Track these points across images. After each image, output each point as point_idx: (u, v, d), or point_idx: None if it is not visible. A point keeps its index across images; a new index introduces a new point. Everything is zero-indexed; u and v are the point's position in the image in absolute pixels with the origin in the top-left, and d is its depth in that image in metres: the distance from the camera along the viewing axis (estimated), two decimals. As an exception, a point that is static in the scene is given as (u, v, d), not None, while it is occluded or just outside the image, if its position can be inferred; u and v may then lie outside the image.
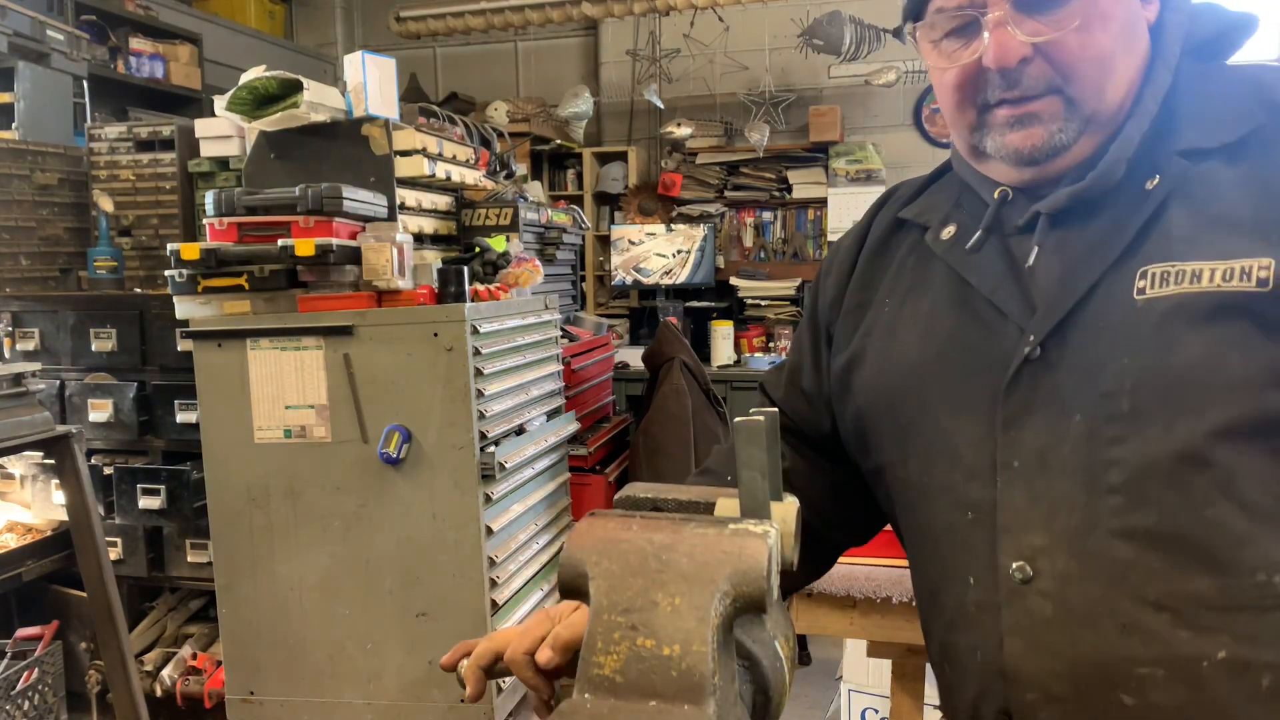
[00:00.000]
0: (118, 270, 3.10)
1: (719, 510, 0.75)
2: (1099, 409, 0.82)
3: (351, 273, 2.51)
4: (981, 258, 0.93)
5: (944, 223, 0.98)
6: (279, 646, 2.63)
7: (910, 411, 0.95)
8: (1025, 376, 0.86)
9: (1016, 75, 0.86)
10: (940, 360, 0.93)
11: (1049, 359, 0.85)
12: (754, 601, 0.64)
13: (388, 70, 2.84)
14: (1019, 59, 0.86)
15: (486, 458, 2.55)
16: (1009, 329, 0.88)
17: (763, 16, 5.39)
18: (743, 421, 0.72)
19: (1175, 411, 0.79)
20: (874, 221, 1.08)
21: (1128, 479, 0.81)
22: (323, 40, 6.62)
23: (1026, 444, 0.85)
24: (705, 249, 5.61)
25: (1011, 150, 0.89)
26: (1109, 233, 0.86)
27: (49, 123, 3.50)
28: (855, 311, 1.05)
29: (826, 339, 1.08)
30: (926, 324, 0.95)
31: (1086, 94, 0.86)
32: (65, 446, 2.26)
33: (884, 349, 0.99)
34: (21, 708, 2.40)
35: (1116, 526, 0.81)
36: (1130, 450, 0.81)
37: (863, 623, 1.84)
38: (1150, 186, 0.85)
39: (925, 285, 0.98)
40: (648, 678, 0.61)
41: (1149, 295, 0.82)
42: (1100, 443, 0.82)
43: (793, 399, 1.14)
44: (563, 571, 0.68)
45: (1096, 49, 0.86)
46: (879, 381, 0.98)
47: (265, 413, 2.56)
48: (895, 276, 1.02)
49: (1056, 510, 0.83)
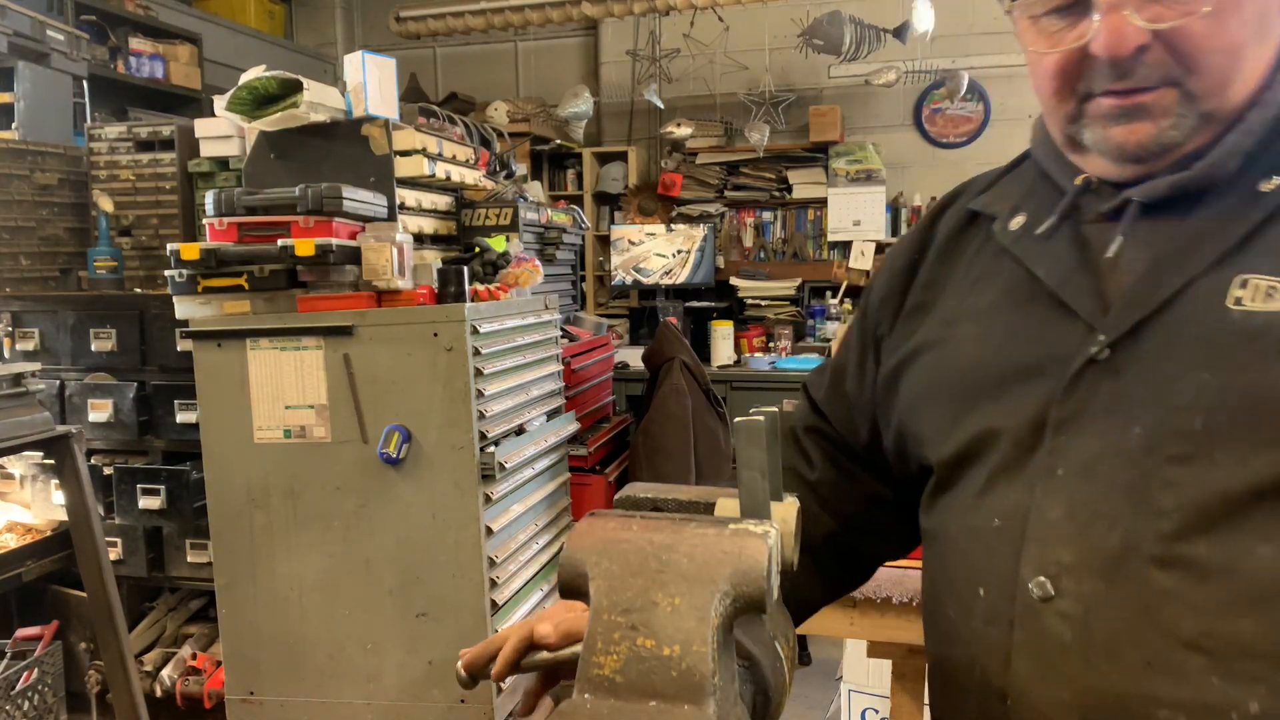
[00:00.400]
0: (118, 270, 3.10)
1: (719, 510, 0.75)
2: (1165, 423, 0.74)
3: (351, 273, 2.51)
4: (1051, 247, 0.85)
5: (1014, 212, 0.90)
6: (279, 646, 2.63)
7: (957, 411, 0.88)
8: (1087, 379, 0.78)
9: (1129, 65, 0.76)
10: (996, 357, 0.85)
11: (1116, 363, 0.77)
12: (754, 602, 0.64)
13: (388, 70, 2.84)
14: (1135, 47, 0.75)
15: (486, 458, 2.55)
16: (1075, 327, 0.80)
17: (763, 16, 5.39)
18: (743, 421, 0.72)
19: (1254, 440, 0.71)
20: (942, 216, 1.00)
21: (1183, 503, 0.73)
22: (323, 40, 6.62)
23: (1076, 451, 0.78)
24: (705, 249, 5.61)
25: (1114, 146, 0.79)
26: (1210, 231, 0.77)
27: (49, 123, 3.50)
28: (916, 313, 0.96)
29: (875, 342, 1.01)
30: (986, 320, 0.88)
31: (1208, 88, 0.76)
32: (65, 446, 2.26)
33: (938, 346, 0.91)
34: (21, 708, 2.40)
35: (1159, 553, 0.73)
36: (1192, 473, 0.73)
37: (863, 623, 1.84)
38: (1267, 189, 0.76)
39: (989, 280, 0.90)
40: (648, 678, 0.61)
41: (1247, 308, 0.73)
42: (1159, 460, 0.74)
43: (834, 402, 1.07)
44: (563, 571, 0.68)
45: (1226, 38, 0.75)
46: (930, 378, 0.91)
47: (265, 413, 2.56)
48: (963, 274, 0.93)
49: (1094, 526, 0.76)
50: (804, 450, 1.07)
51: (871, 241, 5.52)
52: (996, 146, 5.49)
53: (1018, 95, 5.45)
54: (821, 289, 5.67)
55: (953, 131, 5.59)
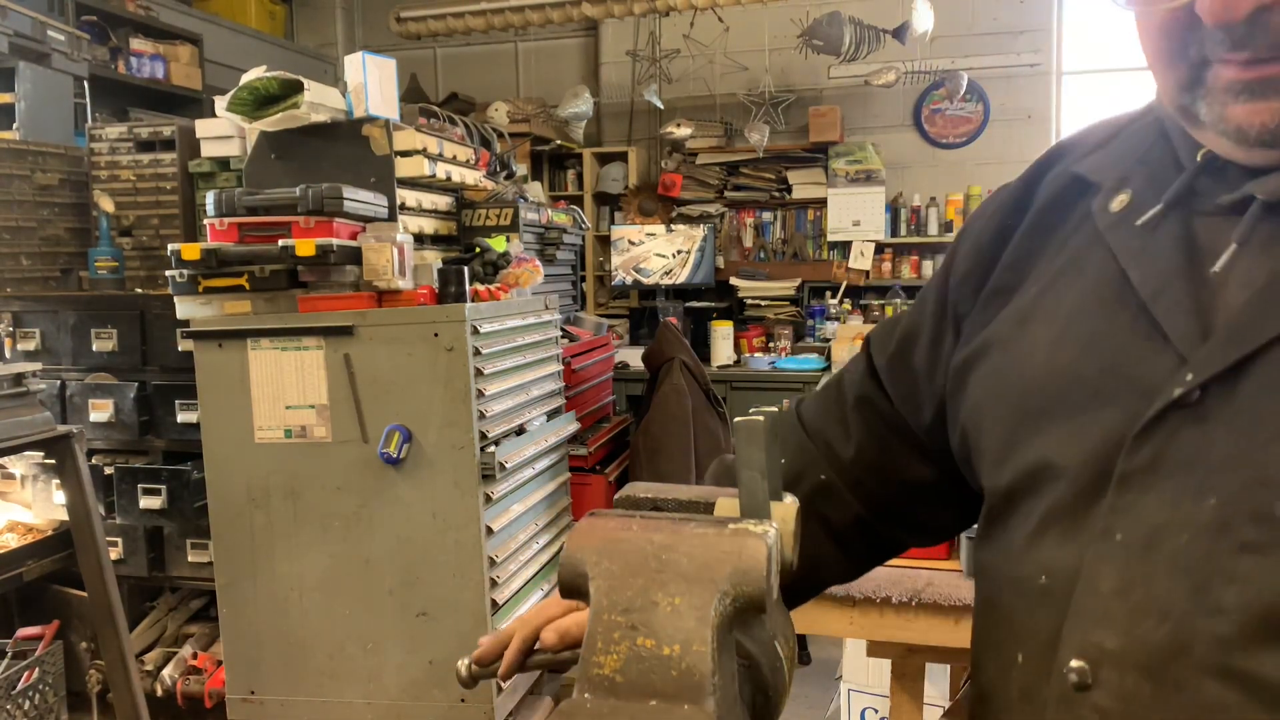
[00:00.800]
0: (118, 270, 3.10)
1: (719, 510, 0.75)
2: (1243, 498, 0.60)
3: (352, 273, 2.52)
4: (1154, 243, 0.69)
5: (1120, 185, 0.73)
6: (279, 646, 2.64)
7: (1016, 434, 0.74)
8: (1167, 425, 0.63)
9: (1247, 30, 0.60)
10: (1070, 375, 0.71)
11: (1206, 409, 0.62)
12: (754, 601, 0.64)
13: (388, 70, 2.84)
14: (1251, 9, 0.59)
15: (486, 458, 2.55)
16: (1166, 353, 0.65)
17: (762, 17, 5.39)
18: (743, 421, 0.72)
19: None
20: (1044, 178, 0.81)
21: (1248, 603, 0.59)
22: (323, 40, 6.63)
23: (1140, 515, 0.64)
24: (705, 249, 5.61)
25: (1234, 127, 0.63)
26: None
27: (49, 123, 3.50)
28: (997, 296, 0.81)
29: (955, 320, 0.85)
30: (1066, 322, 0.72)
31: None
32: (66, 446, 2.27)
33: (1008, 347, 0.77)
34: (22, 707, 2.41)
35: (1215, 662, 0.60)
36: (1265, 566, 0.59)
37: (863, 623, 1.85)
38: None
39: (1077, 271, 0.74)
40: (648, 677, 0.61)
41: None
42: (1230, 545, 0.60)
43: (898, 372, 0.91)
44: (563, 571, 0.68)
45: None
46: (992, 386, 0.77)
47: (266, 413, 2.56)
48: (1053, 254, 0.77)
49: (1146, 613, 0.63)
50: (845, 422, 0.94)
51: (871, 242, 5.52)
52: (996, 147, 5.50)
53: (1017, 95, 5.45)
54: (821, 289, 5.67)
55: (952, 132, 5.59)
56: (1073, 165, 0.78)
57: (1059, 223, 0.78)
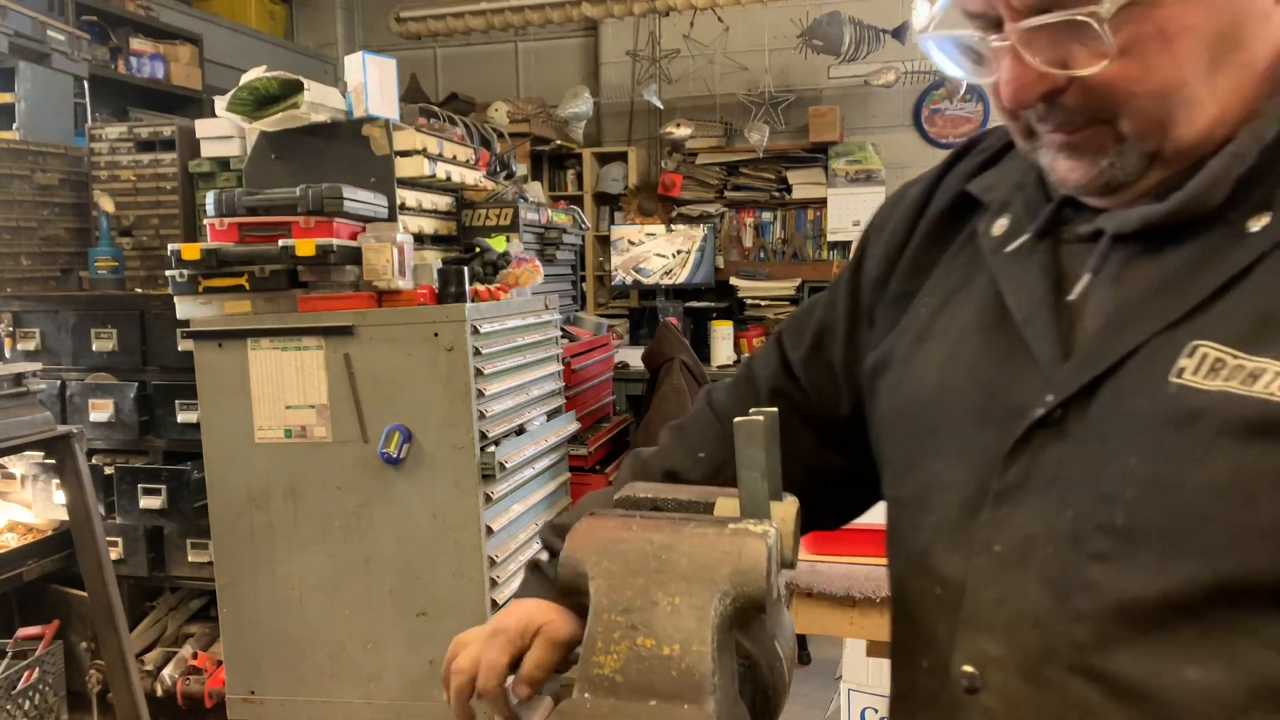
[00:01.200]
0: (118, 270, 3.10)
1: (719, 510, 0.75)
2: (1092, 512, 0.65)
3: (352, 273, 2.52)
4: (1027, 270, 0.74)
5: (1000, 210, 0.79)
6: (279, 646, 2.64)
7: (913, 449, 0.80)
8: (1034, 443, 0.69)
9: (1045, 109, 0.67)
10: (957, 395, 0.76)
11: (1067, 428, 0.67)
12: (754, 601, 0.64)
13: (388, 71, 2.84)
14: (1038, 95, 0.66)
15: (486, 458, 2.55)
16: (1036, 375, 0.70)
17: (762, 17, 5.39)
18: (743, 421, 0.72)
19: (1176, 546, 0.62)
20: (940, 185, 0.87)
21: (1098, 609, 0.65)
22: (323, 40, 6.63)
23: (1014, 528, 0.69)
24: (705, 249, 5.61)
25: (1059, 178, 0.71)
26: (1180, 277, 0.65)
27: (49, 123, 3.50)
28: (899, 302, 0.86)
29: (868, 319, 0.90)
30: (955, 343, 0.78)
31: (1145, 129, 0.66)
32: (66, 446, 2.27)
33: (908, 361, 0.82)
34: (22, 707, 2.41)
35: (1079, 663, 0.66)
36: (1111, 576, 0.64)
37: (862, 622, 1.84)
38: (1255, 228, 0.64)
39: (969, 291, 0.79)
40: (648, 677, 0.61)
41: (1186, 382, 0.62)
42: (1081, 555, 0.65)
43: (814, 366, 0.95)
44: (563, 571, 0.68)
45: (1153, 80, 0.64)
46: (895, 399, 0.82)
47: (266, 413, 2.56)
48: (947, 268, 0.83)
49: (1020, 621, 0.68)
50: None
51: (871, 242, 5.52)
52: (996, 147, 5.49)
53: (1017, 95, 5.45)
54: (821, 289, 5.62)
55: (952, 132, 5.59)
56: (966, 182, 0.84)
57: (950, 237, 0.83)
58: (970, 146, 0.88)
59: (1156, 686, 0.63)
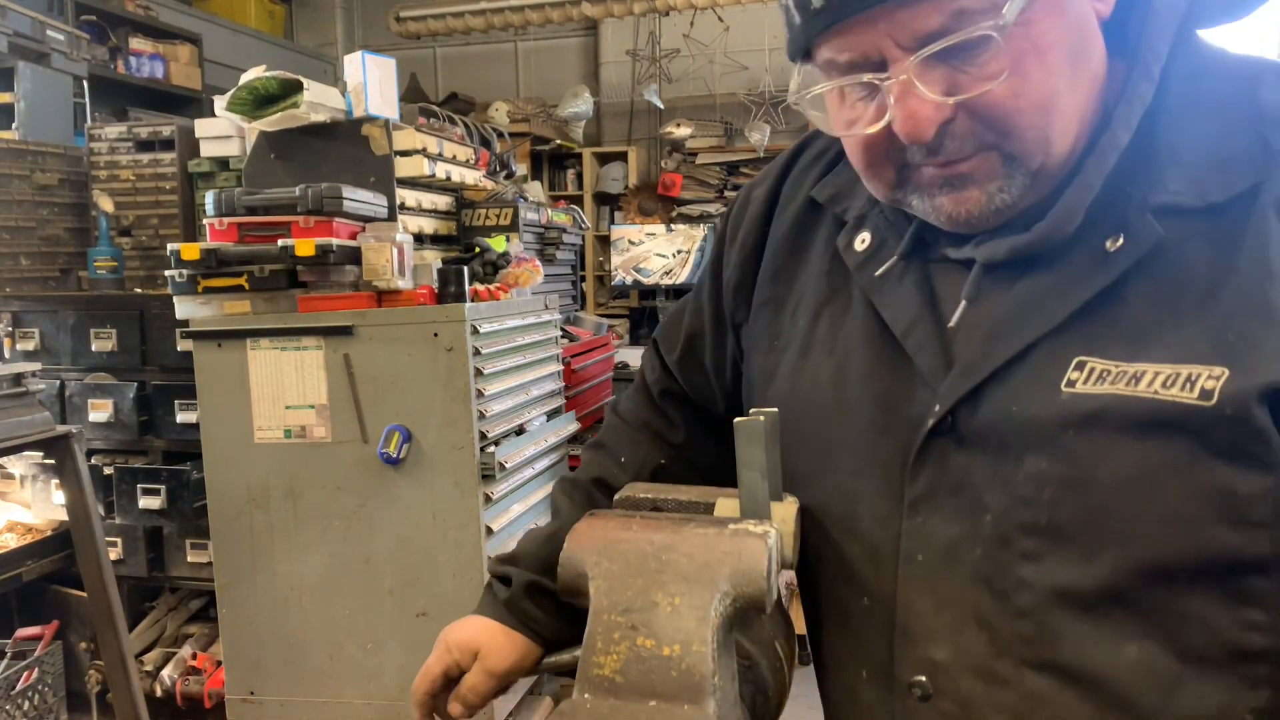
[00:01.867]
0: (118, 270, 3.10)
1: (719, 510, 0.75)
2: (1012, 515, 0.69)
3: (351, 273, 2.51)
4: (900, 290, 0.78)
5: (859, 224, 0.82)
6: (279, 646, 2.63)
7: (816, 460, 0.80)
8: (934, 451, 0.72)
9: (937, 141, 0.69)
10: (853, 409, 0.78)
11: (960, 434, 0.71)
12: (754, 602, 0.64)
13: (388, 70, 2.84)
14: (935, 126, 0.68)
15: (486, 458, 2.55)
16: (925, 388, 0.74)
17: (762, 16, 5.39)
18: (743, 421, 0.72)
19: (1098, 538, 0.67)
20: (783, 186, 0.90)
21: (1039, 605, 0.68)
22: (323, 40, 6.63)
23: (933, 535, 0.72)
24: (705, 249, 5.61)
25: (945, 215, 0.73)
26: (1051, 294, 0.70)
27: (49, 123, 3.50)
28: (768, 308, 0.88)
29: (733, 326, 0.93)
30: (841, 357, 0.80)
31: (1029, 148, 0.69)
32: (65, 446, 2.26)
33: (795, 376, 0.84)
34: (21, 708, 2.40)
35: (1028, 656, 0.69)
36: (1044, 572, 0.68)
37: (863, 623, 1.84)
38: (1112, 248, 0.69)
39: (843, 304, 0.82)
40: (648, 678, 0.61)
41: (1078, 390, 0.67)
42: (1011, 555, 0.69)
43: (690, 369, 0.99)
44: (563, 571, 0.68)
45: (1035, 94, 0.67)
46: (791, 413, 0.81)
47: (265, 413, 2.56)
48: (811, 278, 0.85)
49: (963, 624, 0.71)
50: (663, 411, 1.02)
51: (871, 241, 5.52)
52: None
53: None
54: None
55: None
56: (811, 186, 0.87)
57: (806, 244, 0.87)
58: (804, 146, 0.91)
59: (1101, 669, 0.67)
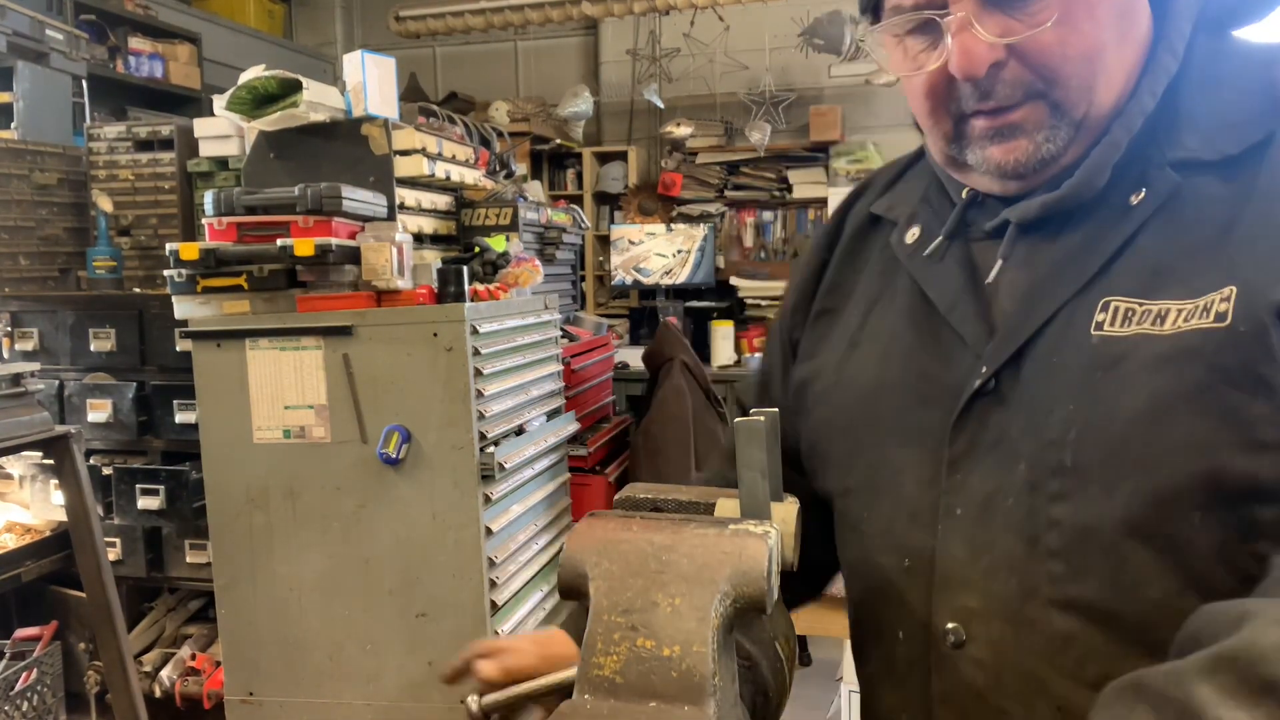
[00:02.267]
0: (117, 270, 3.09)
1: (719, 511, 0.74)
2: (1042, 459, 0.73)
3: (351, 273, 2.51)
4: (943, 268, 0.84)
5: (910, 221, 0.89)
6: (278, 647, 2.63)
7: (859, 439, 0.86)
8: (975, 412, 0.77)
9: (989, 83, 0.75)
10: (896, 386, 0.84)
11: (1002, 394, 0.76)
12: (754, 602, 0.64)
13: (387, 70, 2.83)
14: (988, 65, 0.74)
15: (486, 458, 2.55)
16: (966, 354, 0.79)
17: (763, 16, 5.39)
18: (743, 421, 0.72)
19: (1117, 472, 0.70)
20: (848, 216, 0.98)
21: (1067, 544, 0.72)
22: (322, 40, 6.62)
23: (971, 490, 0.77)
24: (705, 249, 5.61)
25: (994, 165, 0.78)
26: (1081, 251, 0.76)
27: (48, 122, 3.49)
28: (822, 319, 0.95)
29: (792, 345, 1.00)
30: (887, 343, 0.86)
31: (1074, 97, 0.75)
32: (64, 447, 2.26)
33: (842, 367, 0.90)
34: (20, 708, 2.40)
35: (1055, 595, 0.73)
36: (1070, 511, 0.72)
37: (863, 623, 1.84)
38: (1135, 201, 0.74)
39: (891, 295, 0.88)
40: (648, 678, 0.60)
41: (1106, 333, 0.72)
42: (1041, 498, 0.73)
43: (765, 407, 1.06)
44: (563, 572, 0.67)
45: (1082, 43, 0.73)
46: (833, 402, 0.89)
47: (264, 413, 2.55)
48: (866, 282, 0.92)
49: (995, 570, 0.75)
50: None
51: (871, 241, 5.52)
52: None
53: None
54: (821, 289, 5.66)
55: (953, 131, 5.59)
56: (870, 206, 0.94)
57: (864, 254, 0.94)
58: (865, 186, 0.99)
59: (1123, 606, 0.71)
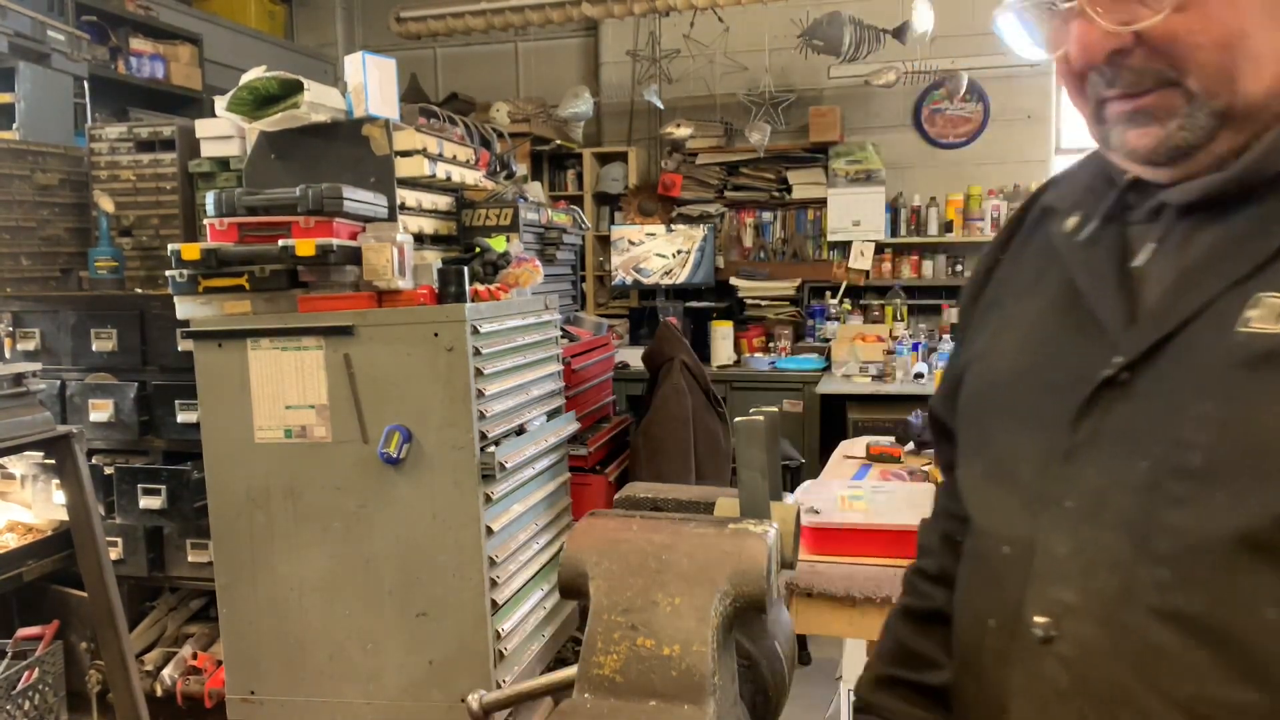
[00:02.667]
0: (118, 270, 3.09)
1: (719, 510, 0.75)
2: (1168, 459, 0.68)
3: (352, 273, 2.51)
4: (1094, 253, 0.80)
5: (1073, 209, 0.84)
6: (279, 646, 2.63)
7: (988, 426, 0.84)
8: (1101, 402, 0.73)
9: (1113, 70, 0.71)
10: (1029, 371, 0.81)
11: (1134, 387, 0.71)
12: (754, 601, 0.64)
13: (388, 70, 2.84)
14: (1107, 53, 0.70)
15: (486, 458, 2.55)
16: (1103, 342, 0.74)
17: (763, 17, 5.39)
18: (743, 421, 0.72)
19: (1250, 482, 0.64)
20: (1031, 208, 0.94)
21: (1179, 551, 0.67)
22: (323, 40, 6.62)
23: (1085, 482, 0.73)
24: (705, 249, 5.61)
25: (1130, 149, 0.74)
26: (1243, 240, 0.69)
27: (49, 123, 3.49)
28: (992, 307, 0.92)
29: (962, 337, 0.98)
30: (1028, 329, 0.84)
31: (1211, 85, 0.68)
32: (66, 446, 2.27)
33: (984, 355, 0.88)
34: (22, 708, 2.41)
35: (1157, 604, 0.68)
36: (1189, 517, 0.67)
37: (863, 622, 1.84)
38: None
39: (1045, 283, 0.85)
40: (647, 677, 0.61)
41: (1253, 329, 0.66)
42: (1160, 500, 0.68)
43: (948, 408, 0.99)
44: (563, 571, 0.68)
45: (1214, 30, 0.67)
46: (972, 389, 0.88)
47: (265, 413, 2.56)
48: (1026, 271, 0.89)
49: (1097, 568, 0.71)
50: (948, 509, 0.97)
51: (871, 241, 5.52)
52: (996, 147, 5.49)
53: (1017, 95, 5.45)
54: (821, 289, 5.67)
55: (952, 132, 5.59)
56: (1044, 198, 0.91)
57: (1034, 244, 0.90)
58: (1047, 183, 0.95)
59: (1235, 628, 0.65)
